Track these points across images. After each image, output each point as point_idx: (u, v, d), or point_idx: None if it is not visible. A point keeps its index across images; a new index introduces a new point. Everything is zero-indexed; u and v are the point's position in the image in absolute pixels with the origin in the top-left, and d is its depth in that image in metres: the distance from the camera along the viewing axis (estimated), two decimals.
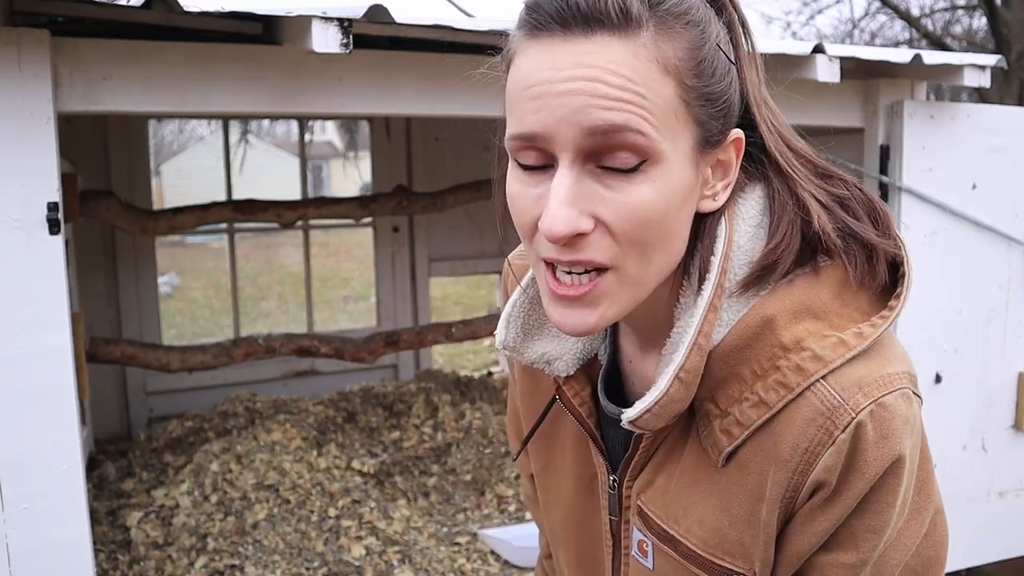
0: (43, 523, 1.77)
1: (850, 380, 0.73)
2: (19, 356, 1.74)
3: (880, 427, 0.72)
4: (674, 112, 0.70)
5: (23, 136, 1.72)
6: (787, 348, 0.74)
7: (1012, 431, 2.92)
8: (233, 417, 3.42)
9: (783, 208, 0.78)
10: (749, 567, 0.79)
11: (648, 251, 0.72)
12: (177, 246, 14.89)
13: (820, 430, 0.72)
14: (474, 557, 2.68)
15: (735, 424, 0.76)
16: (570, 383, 0.90)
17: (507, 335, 0.89)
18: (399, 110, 2.12)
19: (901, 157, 2.62)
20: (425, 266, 4.48)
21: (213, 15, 1.75)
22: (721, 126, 0.74)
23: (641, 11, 0.68)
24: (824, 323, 0.75)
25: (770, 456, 0.75)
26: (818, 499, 0.74)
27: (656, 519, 0.85)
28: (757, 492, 0.76)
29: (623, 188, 0.69)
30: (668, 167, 0.70)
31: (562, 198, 0.68)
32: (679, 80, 0.70)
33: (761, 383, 0.75)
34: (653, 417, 0.76)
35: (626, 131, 0.67)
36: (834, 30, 13.83)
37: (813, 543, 0.77)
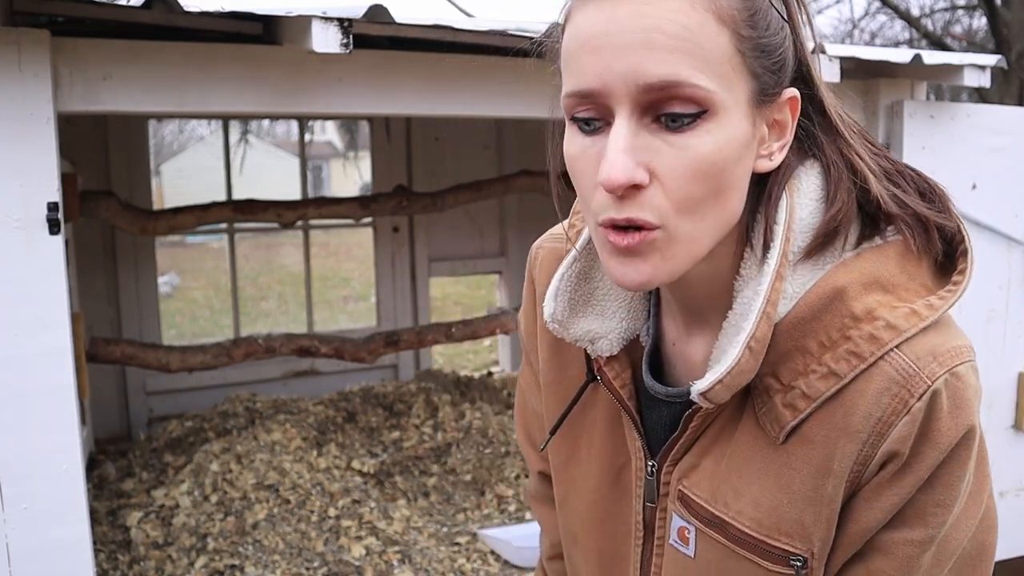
0: (43, 523, 1.77)
1: (924, 349, 0.72)
2: (19, 356, 1.74)
3: (954, 397, 0.72)
4: (730, 62, 0.70)
5: (23, 136, 1.72)
6: (858, 318, 0.74)
7: (1012, 431, 2.92)
8: (233, 417, 3.42)
9: (840, 177, 0.78)
10: (807, 547, 0.77)
11: (702, 207, 0.71)
12: (177, 246, 14.89)
13: (895, 399, 0.71)
14: (474, 557, 2.68)
15: (801, 397, 0.75)
16: (611, 364, 0.88)
17: (555, 308, 0.87)
18: (399, 110, 2.12)
19: (901, 157, 2.62)
20: (425, 266, 4.48)
21: (213, 15, 1.75)
22: (776, 80, 0.74)
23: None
24: (893, 295, 0.75)
25: (839, 428, 0.74)
26: (888, 471, 0.73)
27: (703, 503, 0.83)
28: (823, 466, 0.75)
29: (680, 141, 0.69)
30: (725, 118, 0.70)
31: (620, 147, 0.68)
32: (734, 30, 0.70)
33: (830, 354, 0.74)
34: (723, 388, 0.75)
35: (683, 85, 0.67)
36: (834, 30, 13.82)
37: (880, 519, 0.75)
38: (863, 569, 0.78)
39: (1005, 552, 2.93)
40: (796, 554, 0.78)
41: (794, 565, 0.78)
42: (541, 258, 0.99)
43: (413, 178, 4.34)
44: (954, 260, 0.79)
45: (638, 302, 0.89)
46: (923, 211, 0.78)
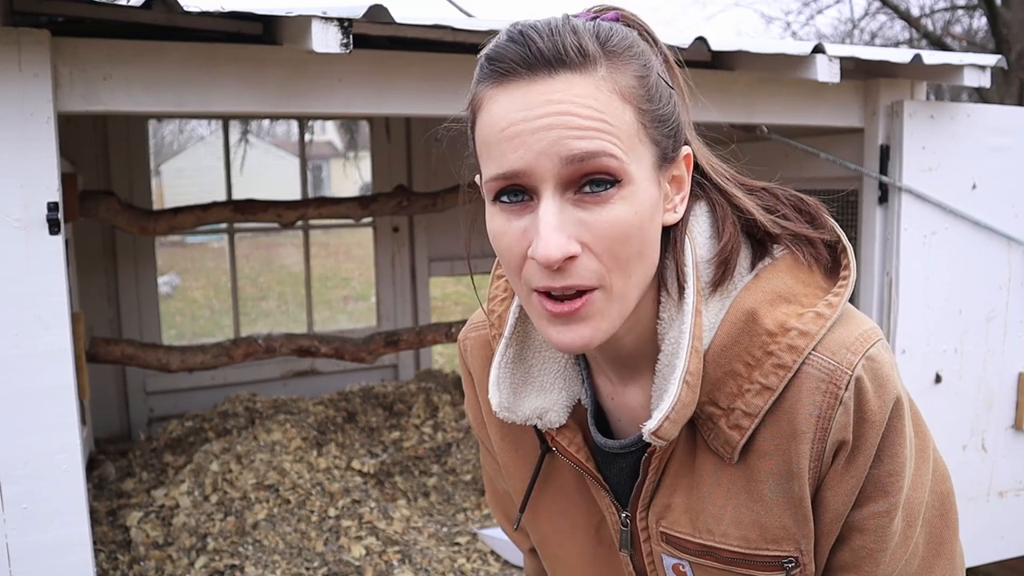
0: (43, 523, 1.77)
1: (837, 344, 0.80)
2: (19, 356, 1.74)
3: (875, 377, 0.79)
4: (636, 135, 0.76)
5: (23, 136, 1.71)
6: (773, 333, 0.80)
7: (1012, 431, 2.92)
8: (233, 417, 3.42)
9: (725, 213, 0.86)
10: (795, 548, 0.83)
11: (629, 266, 0.77)
12: (177, 246, 14.88)
13: (827, 395, 0.78)
14: (474, 557, 2.68)
15: (743, 416, 0.81)
16: (562, 433, 0.92)
17: (500, 397, 0.91)
18: (399, 110, 2.11)
19: (901, 157, 2.62)
20: (425, 266, 4.48)
21: (213, 15, 1.74)
22: (673, 144, 0.81)
23: (596, 49, 0.75)
24: (796, 304, 0.82)
25: (787, 434, 0.80)
26: (841, 460, 0.80)
27: (687, 537, 0.88)
28: (785, 471, 0.81)
29: (601, 211, 0.75)
30: (637, 186, 0.76)
31: (552, 225, 0.74)
32: (635, 106, 0.77)
33: (759, 371, 0.80)
34: (671, 424, 0.80)
35: (600, 156, 0.73)
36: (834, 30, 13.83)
37: (846, 503, 0.82)
38: (847, 550, 0.84)
39: (1005, 552, 2.93)
40: (787, 557, 0.84)
41: (787, 567, 0.84)
42: (470, 348, 1.04)
43: (413, 178, 4.34)
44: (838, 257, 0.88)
45: (570, 369, 0.94)
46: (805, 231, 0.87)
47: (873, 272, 2.72)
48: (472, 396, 1.07)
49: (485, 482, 1.19)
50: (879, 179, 2.66)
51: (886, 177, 2.65)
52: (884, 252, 2.70)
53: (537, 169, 0.74)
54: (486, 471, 1.17)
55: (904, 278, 2.66)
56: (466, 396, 1.10)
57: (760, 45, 2.29)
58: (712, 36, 2.11)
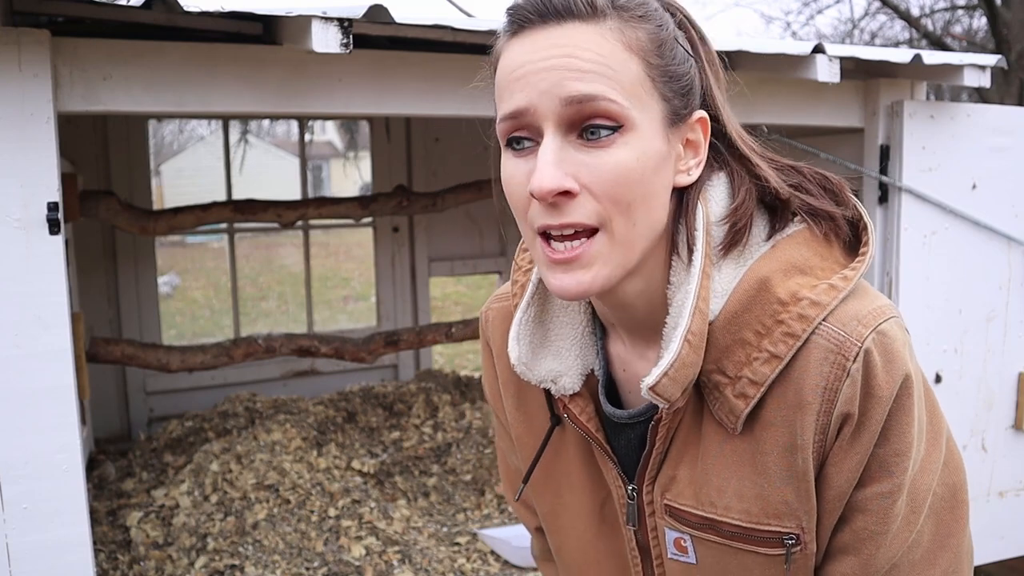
0: (43, 523, 1.77)
1: (848, 316, 0.79)
2: (19, 356, 1.74)
3: (884, 351, 0.78)
4: (641, 84, 0.79)
5: (23, 136, 1.71)
6: (785, 302, 0.80)
7: (1012, 431, 2.92)
8: (233, 417, 3.42)
9: (741, 181, 0.87)
10: (796, 524, 0.83)
11: (631, 210, 0.78)
12: (177, 246, 14.88)
13: (834, 366, 0.78)
14: (474, 557, 2.68)
15: (749, 384, 0.81)
16: (575, 400, 0.93)
17: (519, 351, 0.92)
18: (399, 110, 2.11)
19: (901, 157, 2.62)
20: (425, 266, 4.48)
21: (213, 15, 1.74)
22: (685, 103, 0.83)
23: (605, 5, 0.79)
24: (811, 276, 0.82)
25: (793, 405, 0.80)
26: (845, 434, 0.79)
27: (690, 509, 0.88)
28: (790, 443, 0.81)
29: (601, 153, 0.77)
30: (640, 133, 0.78)
31: (548, 160, 0.76)
32: (643, 58, 0.79)
33: (768, 339, 0.80)
34: (670, 382, 0.80)
35: (599, 99, 0.76)
36: (834, 30, 13.83)
37: (850, 480, 0.81)
38: (848, 531, 0.83)
39: (1005, 552, 2.93)
40: (787, 533, 0.83)
41: (787, 543, 0.83)
42: (492, 319, 1.06)
43: (413, 178, 4.34)
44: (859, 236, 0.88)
45: (587, 338, 0.95)
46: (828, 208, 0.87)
47: (873, 272, 2.72)
48: (490, 368, 1.08)
49: (498, 459, 1.20)
50: (879, 179, 2.66)
51: (886, 177, 2.65)
52: (884, 252, 2.70)
53: (539, 107, 0.77)
54: (500, 451, 1.18)
55: (904, 278, 2.66)
56: (483, 369, 1.11)
57: (760, 45, 2.29)
58: (712, 36, 2.11)
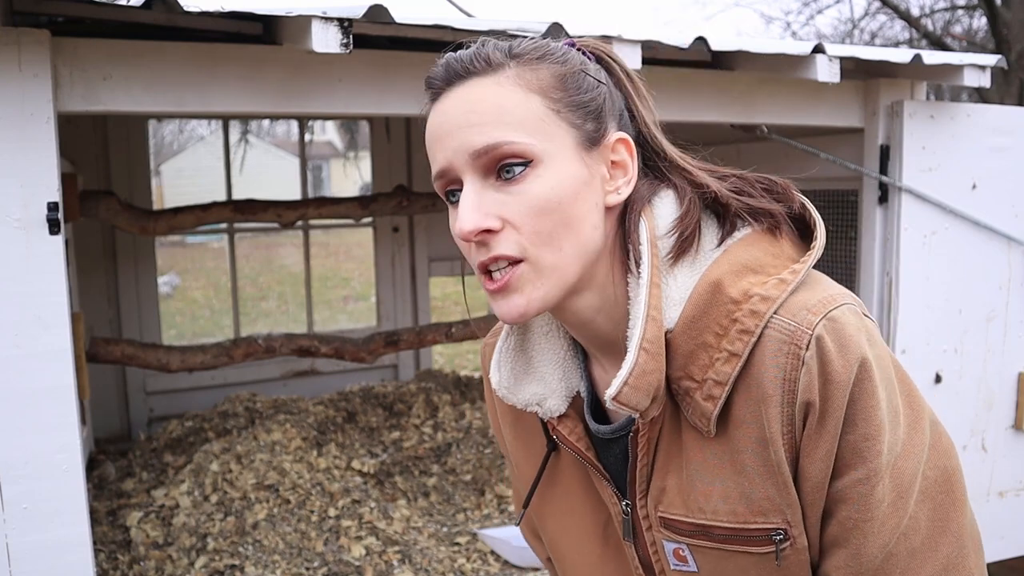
0: (43, 523, 1.77)
1: (797, 306, 0.82)
2: (19, 356, 1.74)
3: (837, 337, 0.80)
4: (544, 118, 0.84)
5: (23, 136, 1.71)
6: (737, 301, 0.83)
7: (1012, 431, 2.92)
8: (233, 417, 3.42)
9: (684, 192, 0.91)
10: (782, 519, 0.84)
11: (555, 238, 0.84)
12: (177, 246, 14.88)
13: (789, 356, 0.80)
14: (474, 557, 2.68)
15: (714, 385, 0.83)
16: (563, 422, 0.97)
17: (500, 377, 0.98)
18: (399, 110, 2.11)
19: (901, 157, 2.62)
20: (425, 266, 4.48)
21: (213, 15, 1.74)
22: (597, 127, 0.87)
23: (502, 58, 0.86)
24: (762, 274, 0.85)
25: (757, 399, 0.82)
26: (811, 423, 0.81)
27: (681, 517, 0.89)
28: (761, 437, 0.83)
29: (518, 188, 0.83)
30: (552, 164, 0.83)
31: (466, 205, 0.83)
32: (544, 95, 0.85)
33: (726, 339, 0.83)
34: (631, 390, 0.83)
35: (501, 145, 0.82)
36: (834, 30, 13.83)
37: (823, 470, 0.82)
38: (834, 523, 0.84)
39: (1005, 552, 2.93)
40: (775, 528, 0.84)
41: (776, 539, 0.84)
42: (487, 353, 1.08)
43: (413, 178, 4.34)
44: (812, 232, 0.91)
45: (569, 361, 0.99)
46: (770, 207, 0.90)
47: (873, 272, 2.72)
48: (490, 402, 1.12)
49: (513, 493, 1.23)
50: (879, 179, 2.66)
51: (886, 177, 2.65)
52: (884, 252, 2.70)
53: (455, 164, 0.84)
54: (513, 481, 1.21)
55: (904, 278, 2.66)
56: (487, 402, 1.14)
57: (760, 45, 2.29)
58: (712, 36, 2.11)
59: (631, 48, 1.99)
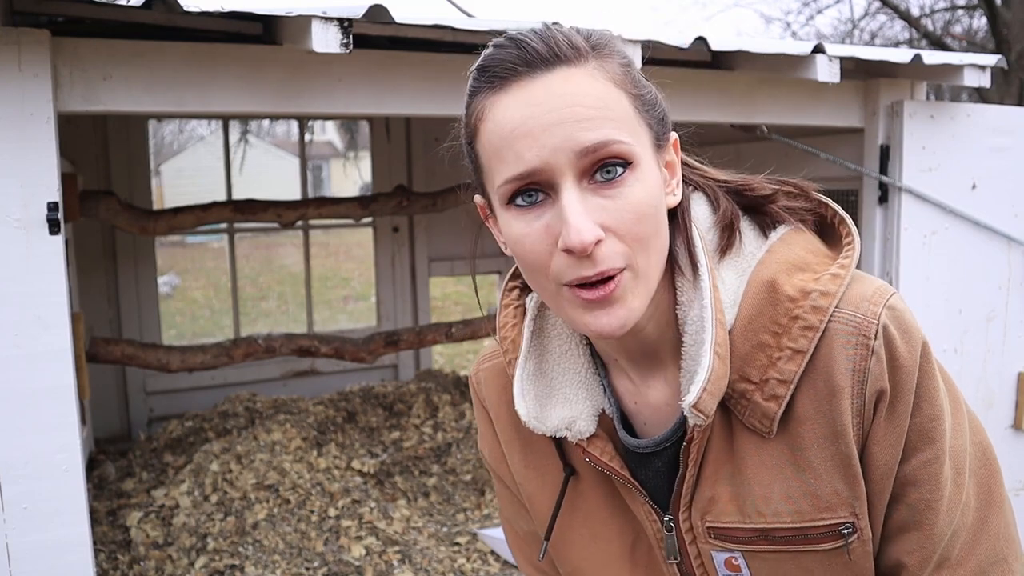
0: (43, 523, 1.77)
1: (858, 299, 0.82)
2: (19, 356, 1.74)
3: (899, 324, 0.81)
4: (634, 118, 0.80)
5: (23, 136, 1.71)
6: (795, 299, 0.82)
7: (1012, 431, 2.92)
8: (233, 417, 3.42)
9: (716, 192, 0.90)
10: (850, 512, 0.83)
11: (650, 244, 0.79)
12: (177, 246, 14.89)
13: (859, 347, 0.80)
14: (474, 557, 2.68)
15: (778, 384, 0.82)
16: (593, 443, 0.92)
17: (527, 407, 0.91)
18: (399, 110, 2.11)
19: (901, 157, 2.62)
20: (425, 266, 4.48)
21: (213, 15, 1.74)
22: (664, 128, 0.85)
23: (583, 43, 0.79)
24: (810, 272, 0.84)
25: (825, 394, 0.81)
26: (883, 410, 0.81)
27: (736, 525, 0.87)
28: (830, 432, 0.82)
29: (618, 194, 0.77)
30: (645, 167, 0.79)
31: (579, 212, 0.75)
32: (627, 91, 0.80)
33: (787, 337, 0.82)
34: (709, 396, 0.80)
35: (610, 143, 0.76)
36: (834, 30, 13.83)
37: (894, 456, 0.82)
38: (904, 508, 0.84)
39: None
40: (844, 522, 0.83)
41: (844, 533, 0.83)
42: (484, 380, 1.04)
43: (413, 178, 4.34)
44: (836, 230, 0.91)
45: (591, 379, 0.95)
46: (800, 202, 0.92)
47: (873, 272, 2.72)
48: (488, 430, 1.06)
49: (505, 530, 1.15)
50: (879, 179, 2.66)
51: (886, 177, 2.65)
52: (884, 252, 2.70)
53: (554, 164, 0.76)
54: (505, 517, 1.14)
55: (904, 278, 2.66)
56: (480, 433, 1.08)
57: (760, 45, 2.29)
58: (712, 36, 2.11)
59: (631, 48, 1.99)
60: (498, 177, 0.79)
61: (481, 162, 0.83)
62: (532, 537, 1.08)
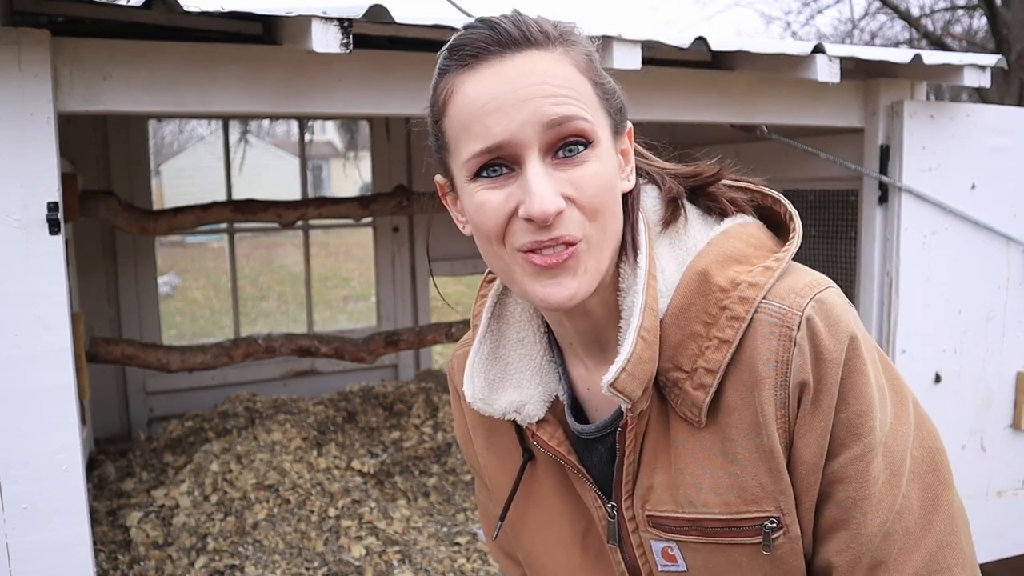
0: (43, 523, 1.77)
1: (786, 290, 0.83)
2: (19, 356, 1.74)
3: (826, 317, 0.81)
4: (596, 104, 0.83)
5: (23, 136, 1.71)
6: (725, 289, 0.84)
7: (1010, 430, 2.92)
8: (233, 417, 3.42)
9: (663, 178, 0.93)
10: (775, 506, 0.84)
11: (605, 217, 0.82)
12: (177, 246, 14.89)
13: (782, 338, 0.81)
14: (474, 557, 2.68)
15: (705, 373, 0.83)
16: (543, 427, 0.95)
17: (475, 388, 0.94)
18: (399, 110, 2.11)
19: (901, 157, 2.62)
20: (425, 266, 4.48)
21: (213, 15, 1.74)
22: (621, 117, 0.88)
23: (552, 30, 0.83)
24: (746, 264, 0.86)
25: (749, 384, 0.82)
26: (806, 404, 0.81)
27: (670, 513, 0.88)
28: (754, 423, 0.83)
29: (580, 169, 0.80)
30: (604, 148, 0.83)
31: (543, 183, 0.79)
32: (590, 78, 0.84)
33: (715, 327, 0.83)
34: (629, 377, 0.82)
35: (575, 119, 0.80)
36: (834, 30, 13.83)
37: (819, 451, 0.82)
38: (832, 506, 0.84)
39: (1004, 551, 2.93)
40: (768, 516, 0.84)
41: (767, 528, 0.84)
42: (457, 365, 1.06)
43: (413, 178, 4.34)
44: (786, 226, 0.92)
45: (546, 365, 0.97)
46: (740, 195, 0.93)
47: (873, 272, 2.72)
48: (460, 414, 1.09)
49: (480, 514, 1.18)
50: (879, 179, 2.66)
51: (886, 177, 2.65)
52: (884, 252, 2.70)
53: (521, 138, 0.79)
54: (480, 502, 1.17)
55: (904, 278, 2.66)
56: (454, 417, 1.11)
57: (760, 45, 2.29)
58: (712, 36, 2.11)
59: (631, 48, 1.99)
60: (465, 151, 0.82)
61: (447, 139, 0.85)
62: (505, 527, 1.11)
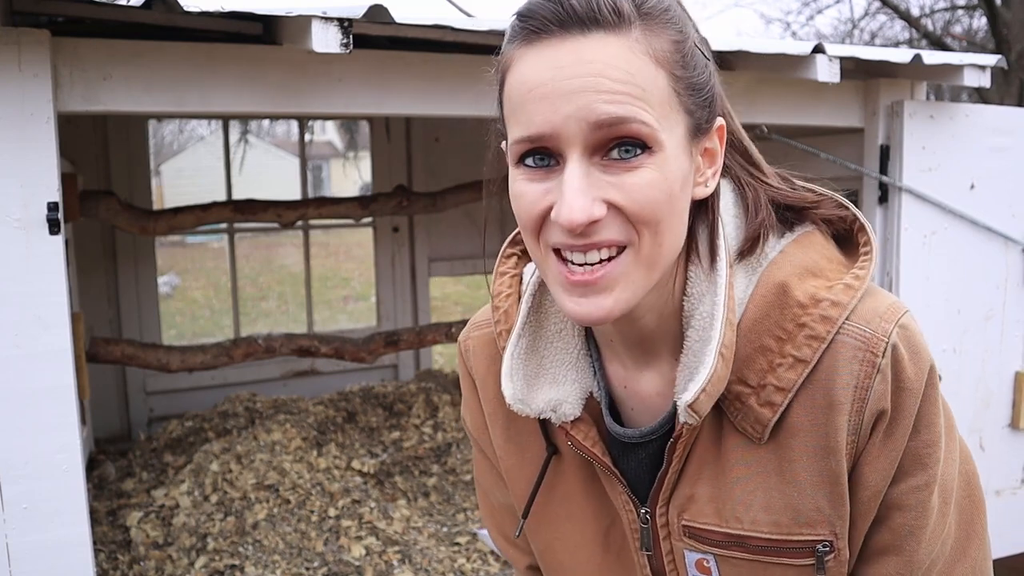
0: (43, 523, 1.77)
1: (870, 313, 0.78)
2: (19, 356, 1.74)
3: (909, 344, 0.78)
4: (668, 102, 0.74)
5: (23, 136, 1.72)
6: (805, 305, 0.78)
7: (1009, 430, 2.92)
8: (233, 417, 3.42)
9: (756, 192, 0.85)
10: (830, 531, 0.80)
11: (660, 229, 0.74)
12: (177, 246, 14.89)
13: (864, 363, 0.76)
14: (474, 557, 2.68)
15: (775, 392, 0.78)
16: (577, 426, 0.88)
17: (514, 388, 0.87)
18: (399, 110, 2.11)
19: (901, 157, 2.63)
20: (425, 266, 4.48)
21: (213, 15, 1.75)
22: (708, 115, 0.78)
23: (631, 10, 0.72)
24: (823, 278, 0.81)
25: (822, 407, 0.78)
26: (880, 431, 0.78)
27: (713, 527, 0.84)
28: (822, 447, 0.78)
29: (631, 175, 0.72)
30: (667, 155, 0.73)
31: (576, 188, 0.71)
32: (669, 71, 0.74)
33: (790, 344, 0.78)
34: (707, 397, 0.77)
35: (630, 122, 0.71)
36: (834, 30, 13.83)
37: (885, 478, 0.79)
38: (886, 531, 0.81)
39: (1002, 551, 2.93)
40: (821, 540, 0.80)
41: (820, 552, 0.80)
42: (472, 348, 1.00)
43: (413, 178, 4.34)
44: (853, 237, 0.87)
45: (582, 360, 0.91)
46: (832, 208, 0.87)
47: (873, 272, 2.72)
48: (472, 399, 1.03)
49: (479, 498, 1.12)
50: (879, 179, 2.66)
51: (886, 177, 2.65)
52: (884, 252, 2.70)
53: (564, 132, 0.71)
54: (480, 485, 1.11)
55: (904, 278, 2.66)
56: (464, 400, 1.05)
57: (760, 45, 2.29)
58: (712, 36, 2.11)
59: None
60: (511, 134, 0.76)
61: (504, 112, 0.78)
62: (507, 510, 1.06)
